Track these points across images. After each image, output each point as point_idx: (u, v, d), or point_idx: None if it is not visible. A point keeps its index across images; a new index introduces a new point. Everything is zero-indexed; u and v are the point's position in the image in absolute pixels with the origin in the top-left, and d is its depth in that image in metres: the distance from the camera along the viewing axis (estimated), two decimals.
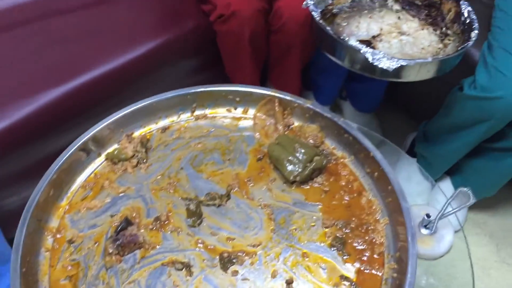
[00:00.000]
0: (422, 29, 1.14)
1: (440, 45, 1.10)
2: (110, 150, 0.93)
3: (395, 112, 1.73)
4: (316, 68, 1.60)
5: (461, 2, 1.10)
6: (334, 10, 1.17)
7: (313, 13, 1.04)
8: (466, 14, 1.08)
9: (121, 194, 0.85)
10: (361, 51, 0.95)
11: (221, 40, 1.33)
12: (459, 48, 1.00)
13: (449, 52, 1.06)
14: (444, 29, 1.11)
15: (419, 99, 1.59)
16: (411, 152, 1.51)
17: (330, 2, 1.17)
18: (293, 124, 0.99)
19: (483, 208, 1.45)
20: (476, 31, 1.03)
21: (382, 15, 1.19)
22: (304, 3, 1.08)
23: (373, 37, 1.12)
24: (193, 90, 0.99)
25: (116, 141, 0.95)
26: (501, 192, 1.32)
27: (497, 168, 1.24)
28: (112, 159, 0.91)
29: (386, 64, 0.93)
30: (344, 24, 1.16)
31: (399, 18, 1.18)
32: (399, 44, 1.11)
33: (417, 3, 1.17)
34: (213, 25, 1.30)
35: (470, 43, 1.00)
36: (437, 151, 1.35)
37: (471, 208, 1.45)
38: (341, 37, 0.99)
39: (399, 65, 0.93)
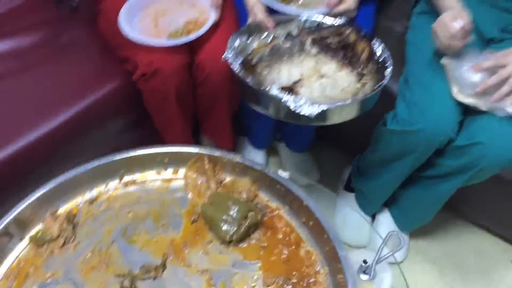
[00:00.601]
0: (340, 71, 1.18)
1: (358, 85, 1.13)
2: (33, 231, 0.87)
3: (330, 148, 1.76)
4: (247, 113, 1.62)
5: (372, 42, 1.15)
6: (254, 60, 1.19)
7: (232, 66, 1.05)
8: (378, 53, 1.13)
9: (48, 281, 0.80)
10: (282, 100, 0.96)
11: (147, 99, 1.32)
12: (375, 87, 1.04)
13: (367, 91, 1.10)
14: (360, 69, 1.15)
15: (349, 135, 1.63)
16: (349, 187, 1.53)
17: (249, 51, 1.19)
18: (225, 179, 0.98)
19: (423, 235, 1.49)
20: (390, 69, 1.07)
21: (301, 60, 1.22)
22: (223, 56, 1.09)
23: (295, 82, 1.14)
24: (118, 157, 0.96)
25: (40, 220, 0.89)
26: (439, 217, 1.36)
27: (429, 196, 1.28)
28: (37, 242, 0.85)
29: (308, 110, 0.95)
30: (265, 72, 1.18)
31: (317, 61, 1.21)
32: (320, 88, 1.13)
33: (333, 46, 1.21)
34: (137, 84, 1.28)
35: (385, 82, 1.04)
36: (371, 185, 1.38)
37: (412, 235, 1.48)
38: (262, 88, 1.00)
39: (321, 110, 0.95)
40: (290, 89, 1.13)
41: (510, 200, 1.35)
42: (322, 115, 0.97)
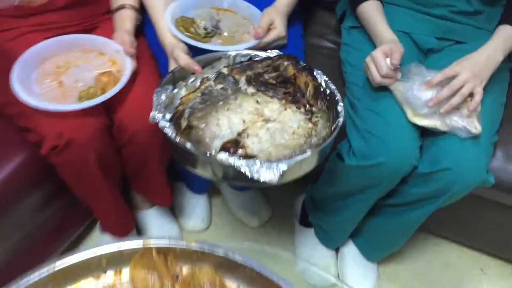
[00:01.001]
0: (285, 109, 1.05)
1: (310, 125, 1.01)
2: None
3: None
4: None
5: (314, 73, 1.03)
6: (186, 112, 1.02)
7: (165, 131, 0.88)
8: (324, 85, 1.02)
9: None
10: (235, 166, 0.81)
11: (63, 172, 1.10)
12: (331, 127, 0.92)
13: (321, 130, 0.98)
14: (308, 106, 1.03)
15: None
16: (305, 221, 1.41)
17: (178, 102, 1.02)
18: (182, 272, 0.81)
19: (391, 259, 1.41)
20: (341, 104, 0.96)
21: (239, 103, 1.07)
22: (151, 117, 0.92)
23: (239, 134, 0.99)
24: (38, 277, 0.75)
25: None
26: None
27: (396, 224, 1.19)
28: None
29: (267, 176, 0.80)
30: (203, 125, 1.01)
31: (257, 102, 1.07)
32: (268, 135, 0.99)
33: (271, 81, 1.08)
34: (47, 158, 1.06)
35: (341, 119, 0.93)
36: (331, 221, 1.27)
37: (380, 261, 1.39)
38: (207, 154, 0.84)
39: (280, 172, 0.81)
40: (235, 143, 0.97)
41: (470, 209, 1.31)
42: (282, 175, 0.83)
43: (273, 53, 1.09)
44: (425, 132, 1.07)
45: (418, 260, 1.42)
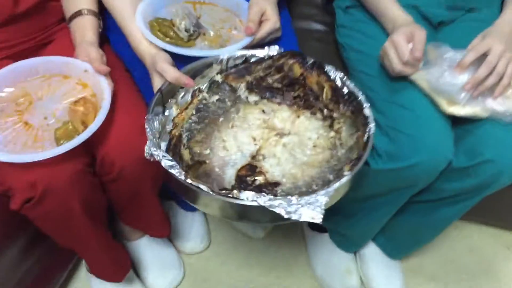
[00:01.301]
0: (298, 116, 0.90)
1: (332, 133, 0.86)
2: None
3: None
4: None
5: (326, 70, 0.87)
6: (184, 136, 0.85)
7: (171, 171, 0.71)
8: (339, 83, 0.86)
9: None
10: (267, 207, 0.66)
11: (43, 225, 0.92)
12: (365, 138, 0.77)
13: (346, 139, 0.83)
14: (326, 111, 0.88)
15: None
16: (317, 225, 1.28)
17: (171, 125, 0.85)
18: None
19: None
20: (367, 106, 0.81)
21: (243, 116, 0.91)
22: (146, 153, 0.75)
23: (253, 157, 0.84)
24: None
25: None
26: None
27: (427, 223, 1.07)
28: None
29: (309, 214, 0.65)
30: (207, 151, 0.85)
31: (263, 111, 0.91)
32: (287, 153, 0.84)
33: (276, 85, 0.92)
34: (21, 212, 0.87)
35: (372, 125, 0.78)
36: (352, 225, 1.14)
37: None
38: (230, 195, 0.68)
39: (323, 206, 0.67)
40: (251, 168, 0.82)
41: None
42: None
43: (272, 50, 0.92)
44: (455, 121, 0.95)
45: (440, 248, 1.32)
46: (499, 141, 0.88)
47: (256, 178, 0.80)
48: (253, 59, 0.92)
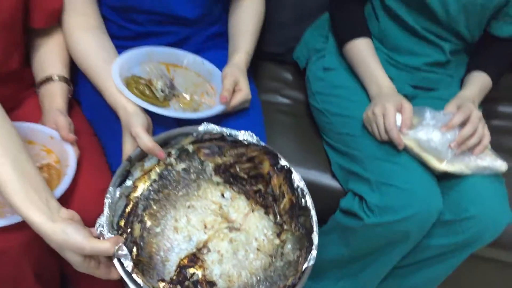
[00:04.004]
0: (252, 211, 0.94)
1: (277, 241, 0.90)
2: None
3: None
4: None
5: (292, 177, 0.89)
6: (140, 205, 0.87)
7: (124, 262, 0.74)
8: (300, 194, 0.88)
9: None
10: None
11: None
12: (303, 268, 0.81)
13: (288, 253, 0.87)
14: (278, 218, 0.92)
15: None
16: None
17: (130, 190, 0.86)
18: None
19: None
20: (316, 232, 0.84)
21: (202, 196, 0.94)
22: (96, 228, 0.77)
23: (198, 249, 0.87)
24: None
25: None
26: None
27: (413, 284, 1.11)
28: None
29: None
30: (157, 230, 0.88)
31: (223, 196, 0.94)
32: (231, 251, 0.88)
33: (242, 175, 0.94)
34: None
35: (313, 254, 0.81)
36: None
37: None
38: None
39: None
40: (193, 259, 0.86)
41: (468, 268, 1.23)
42: None
43: (251, 136, 0.92)
44: (438, 177, 1.02)
45: None
46: (479, 197, 0.96)
47: (195, 271, 0.84)
48: (229, 138, 0.92)
